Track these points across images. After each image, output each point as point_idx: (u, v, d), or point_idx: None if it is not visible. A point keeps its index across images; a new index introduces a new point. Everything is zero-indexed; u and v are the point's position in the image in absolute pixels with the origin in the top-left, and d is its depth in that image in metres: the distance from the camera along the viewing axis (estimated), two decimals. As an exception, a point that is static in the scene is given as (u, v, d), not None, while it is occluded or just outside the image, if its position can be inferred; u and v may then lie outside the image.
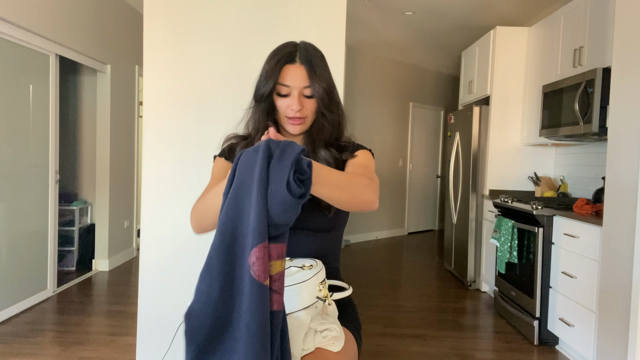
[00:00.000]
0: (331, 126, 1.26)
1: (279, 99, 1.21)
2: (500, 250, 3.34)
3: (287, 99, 1.19)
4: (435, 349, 2.87)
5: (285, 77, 1.18)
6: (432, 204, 7.70)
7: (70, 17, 3.79)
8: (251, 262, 0.83)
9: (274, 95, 1.21)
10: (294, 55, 1.19)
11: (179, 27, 2.18)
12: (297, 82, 1.18)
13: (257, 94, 1.22)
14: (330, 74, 1.23)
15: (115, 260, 4.65)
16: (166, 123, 2.20)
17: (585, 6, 3.15)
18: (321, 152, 1.25)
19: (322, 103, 1.21)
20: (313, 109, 1.22)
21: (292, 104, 1.18)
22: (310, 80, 1.18)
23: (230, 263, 0.87)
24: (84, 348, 2.73)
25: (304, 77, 1.18)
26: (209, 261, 0.88)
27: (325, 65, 1.22)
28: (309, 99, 1.20)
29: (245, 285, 0.85)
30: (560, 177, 3.99)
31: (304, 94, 1.19)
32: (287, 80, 1.18)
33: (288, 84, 1.18)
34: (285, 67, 1.18)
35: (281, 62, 1.19)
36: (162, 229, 2.22)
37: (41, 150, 3.58)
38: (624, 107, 2.28)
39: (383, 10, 4.75)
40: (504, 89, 4.15)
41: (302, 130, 1.24)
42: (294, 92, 1.19)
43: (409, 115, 7.15)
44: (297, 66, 1.18)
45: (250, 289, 0.83)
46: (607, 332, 2.37)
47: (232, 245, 0.87)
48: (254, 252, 0.83)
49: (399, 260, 5.40)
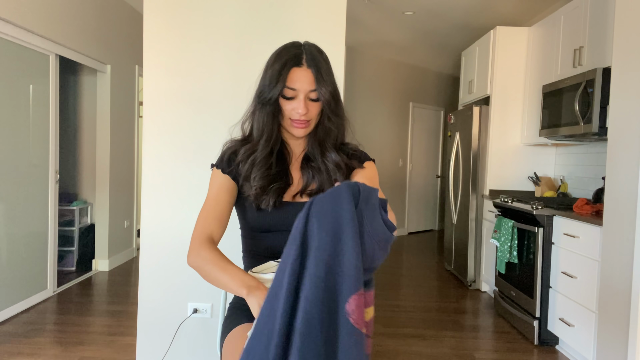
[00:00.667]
0: (337, 129, 1.26)
1: (285, 101, 1.20)
2: (500, 250, 3.34)
3: (293, 102, 1.18)
4: (435, 349, 2.87)
5: (292, 80, 1.17)
6: (432, 204, 7.70)
7: (70, 17, 3.79)
8: (350, 310, 0.80)
9: (280, 98, 1.20)
10: (300, 57, 1.18)
11: (179, 27, 2.18)
12: (304, 86, 1.17)
13: (263, 97, 1.20)
14: (334, 77, 1.23)
15: (115, 260, 4.65)
16: (166, 123, 2.20)
17: (585, 6, 3.15)
18: (332, 155, 1.24)
19: (328, 107, 1.21)
20: (317, 112, 1.22)
21: (298, 107, 1.17)
22: (317, 84, 1.17)
23: (328, 314, 0.81)
24: (84, 348, 2.73)
25: (310, 80, 1.17)
26: (307, 316, 0.80)
27: (330, 69, 1.22)
28: (314, 103, 1.20)
29: (342, 334, 0.80)
30: (560, 177, 3.99)
31: (310, 97, 1.19)
32: (294, 84, 1.17)
33: (295, 87, 1.17)
34: (292, 70, 1.17)
35: (288, 65, 1.17)
36: (162, 229, 2.22)
37: (41, 150, 3.58)
38: (624, 107, 2.28)
39: (383, 10, 4.75)
40: (504, 89, 4.15)
41: (306, 133, 1.23)
42: (300, 96, 1.18)
43: (409, 115, 7.15)
44: (304, 69, 1.17)
45: (349, 337, 0.80)
46: (607, 332, 2.37)
47: (327, 295, 0.81)
48: (353, 300, 0.79)
49: (399, 260, 5.40)
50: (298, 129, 1.21)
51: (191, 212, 2.21)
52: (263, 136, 1.22)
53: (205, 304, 2.22)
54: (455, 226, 4.65)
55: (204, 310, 2.22)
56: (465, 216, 4.34)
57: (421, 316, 3.48)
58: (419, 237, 7.07)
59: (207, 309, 2.22)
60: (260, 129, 1.23)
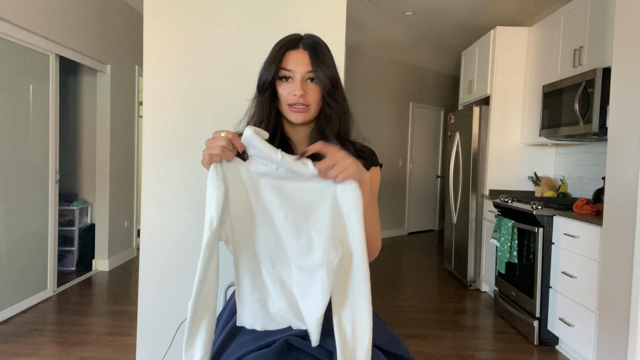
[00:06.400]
0: (338, 117, 1.22)
1: (282, 85, 1.17)
2: (500, 250, 3.34)
3: (290, 85, 1.16)
4: (435, 349, 2.87)
5: (288, 61, 1.16)
6: (432, 204, 7.70)
7: (70, 17, 3.79)
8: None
9: (277, 82, 1.18)
10: (297, 41, 1.18)
11: (179, 27, 2.18)
12: (299, 67, 1.15)
13: (260, 83, 1.20)
14: (335, 64, 1.20)
15: (115, 260, 4.65)
16: (166, 123, 2.20)
17: (585, 6, 3.15)
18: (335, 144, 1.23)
19: (326, 91, 1.17)
20: (317, 98, 1.18)
21: (294, 89, 1.15)
22: (314, 65, 1.15)
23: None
24: (84, 348, 2.73)
25: (307, 61, 1.15)
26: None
27: (330, 55, 1.20)
28: (312, 86, 1.17)
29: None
30: (560, 177, 3.99)
31: (306, 78, 1.16)
32: (289, 65, 1.15)
33: (290, 68, 1.15)
34: (288, 52, 1.17)
35: (284, 48, 1.17)
36: (162, 229, 2.22)
37: (41, 150, 3.58)
38: (624, 107, 2.28)
39: (383, 10, 4.75)
40: (504, 89, 4.15)
41: (305, 119, 1.19)
42: (296, 77, 1.16)
43: (409, 115, 7.15)
44: (300, 51, 1.17)
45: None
46: (607, 332, 2.37)
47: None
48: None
49: (399, 260, 5.40)
50: (296, 114, 1.17)
51: (191, 212, 2.21)
52: (262, 123, 1.21)
53: (205, 304, 2.22)
54: (455, 226, 4.65)
55: (204, 310, 2.22)
56: (465, 216, 4.34)
57: (421, 316, 3.48)
58: (419, 237, 7.07)
59: (207, 309, 2.22)
60: (260, 115, 1.22)
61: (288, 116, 1.20)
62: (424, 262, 5.32)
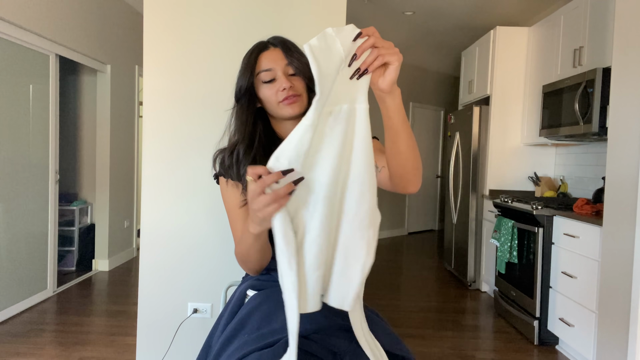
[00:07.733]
0: None
1: (265, 88, 1.18)
2: (500, 250, 3.34)
3: (274, 84, 1.17)
4: (435, 349, 2.87)
5: (263, 62, 1.17)
6: (432, 204, 7.70)
7: (70, 17, 3.79)
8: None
9: (258, 89, 1.19)
10: (266, 43, 1.21)
11: (179, 27, 2.18)
12: (277, 63, 1.17)
13: (237, 91, 1.21)
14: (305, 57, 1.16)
15: (115, 260, 4.65)
16: (166, 123, 2.20)
17: (585, 6, 3.15)
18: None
19: (308, 79, 1.18)
20: (303, 87, 1.19)
21: (280, 84, 1.15)
22: (289, 57, 1.17)
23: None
24: (84, 348, 2.73)
25: (281, 56, 1.17)
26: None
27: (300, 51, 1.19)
28: (294, 78, 1.18)
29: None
30: (560, 177, 3.99)
31: (287, 72, 1.17)
32: (267, 64, 1.17)
33: (269, 67, 1.16)
34: (260, 55, 1.18)
35: (255, 52, 1.19)
36: (162, 229, 2.22)
37: (41, 150, 3.58)
38: (624, 107, 2.28)
39: (383, 10, 4.75)
40: (504, 89, 4.15)
41: (301, 109, 1.18)
42: (278, 73, 1.16)
43: (409, 115, 7.15)
44: (271, 50, 1.19)
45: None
46: (607, 332, 2.37)
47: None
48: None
49: (399, 261, 5.40)
50: (292, 105, 1.16)
51: (191, 212, 2.21)
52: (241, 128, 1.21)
53: (205, 304, 2.22)
54: (455, 226, 4.65)
55: (204, 310, 2.22)
56: (465, 216, 4.34)
57: (421, 316, 3.48)
58: (419, 237, 7.07)
59: (207, 309, 2.22)
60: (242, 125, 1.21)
61: (283, 113, 1.18)
62: (424, 262, 5.32)
